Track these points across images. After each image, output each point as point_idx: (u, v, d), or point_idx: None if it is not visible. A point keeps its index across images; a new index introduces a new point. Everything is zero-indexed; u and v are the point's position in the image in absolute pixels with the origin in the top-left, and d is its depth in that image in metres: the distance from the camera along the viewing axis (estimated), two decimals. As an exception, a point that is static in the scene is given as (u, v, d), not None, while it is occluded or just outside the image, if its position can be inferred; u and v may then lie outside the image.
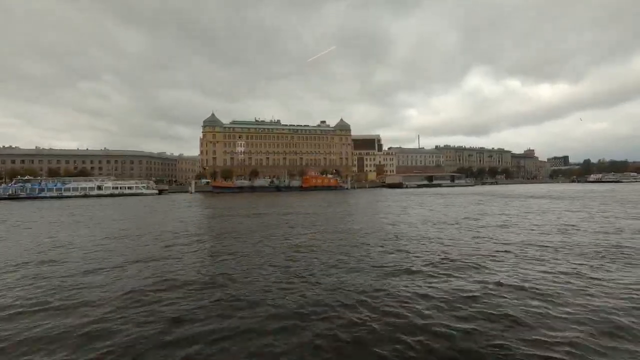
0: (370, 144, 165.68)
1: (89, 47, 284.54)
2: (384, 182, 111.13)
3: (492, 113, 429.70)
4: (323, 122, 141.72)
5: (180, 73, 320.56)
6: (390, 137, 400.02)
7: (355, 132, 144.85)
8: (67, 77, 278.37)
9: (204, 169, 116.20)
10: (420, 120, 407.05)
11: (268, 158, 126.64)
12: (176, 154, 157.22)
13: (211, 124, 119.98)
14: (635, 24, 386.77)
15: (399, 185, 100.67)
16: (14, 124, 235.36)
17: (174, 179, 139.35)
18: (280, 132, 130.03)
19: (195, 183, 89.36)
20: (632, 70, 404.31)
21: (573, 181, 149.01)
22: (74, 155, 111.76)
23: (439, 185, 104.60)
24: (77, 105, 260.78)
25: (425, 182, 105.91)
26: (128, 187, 70.10)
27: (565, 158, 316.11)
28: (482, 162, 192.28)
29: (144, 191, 70.63)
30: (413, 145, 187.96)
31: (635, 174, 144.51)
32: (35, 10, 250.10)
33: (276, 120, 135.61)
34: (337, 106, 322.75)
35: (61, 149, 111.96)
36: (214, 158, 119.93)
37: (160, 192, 77.36)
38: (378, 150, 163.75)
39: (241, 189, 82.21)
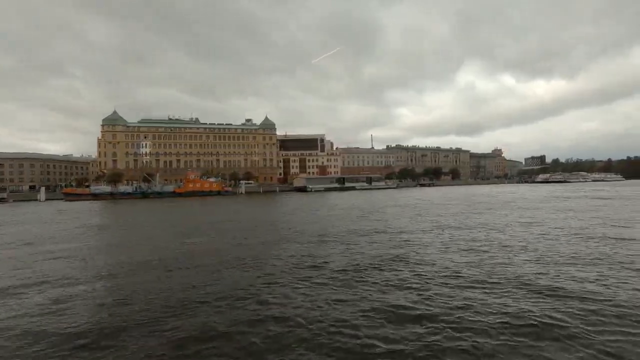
0: (312, 143, 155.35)
1: (56, 39, 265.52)
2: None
3: (486, 111, 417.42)
4: (249, 120, 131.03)
5: (166, 71, 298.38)
6: (388, 137, 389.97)
7: (347, 134, 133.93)
8: (34, 73, 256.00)
9: (102, 172, 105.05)
10: (413, 119, 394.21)
11: (179, 160, 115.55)
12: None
13: (111, 123, 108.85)
14: (633, 20, 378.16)
15: (303, 189, 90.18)
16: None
17: (85, 184, 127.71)
18: (195, 131, 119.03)
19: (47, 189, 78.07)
20: (626, 69, 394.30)
21: (520, 182, 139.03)
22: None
23: (353, 189, 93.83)
24: (49, 104, 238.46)
25: (336, 185, 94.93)
26: None
27: (542, 157, 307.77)
28: (437, 162, 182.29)
29: (-49, 200, 59.34)
30: (411, 143, 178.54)
31: (585, 173, 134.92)
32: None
33: (194, 119, 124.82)
34: (329, 105, 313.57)
35: None
36: (114, 160, 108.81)
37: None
38: (321, 151, 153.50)
39: (97, 196, 71.06)
